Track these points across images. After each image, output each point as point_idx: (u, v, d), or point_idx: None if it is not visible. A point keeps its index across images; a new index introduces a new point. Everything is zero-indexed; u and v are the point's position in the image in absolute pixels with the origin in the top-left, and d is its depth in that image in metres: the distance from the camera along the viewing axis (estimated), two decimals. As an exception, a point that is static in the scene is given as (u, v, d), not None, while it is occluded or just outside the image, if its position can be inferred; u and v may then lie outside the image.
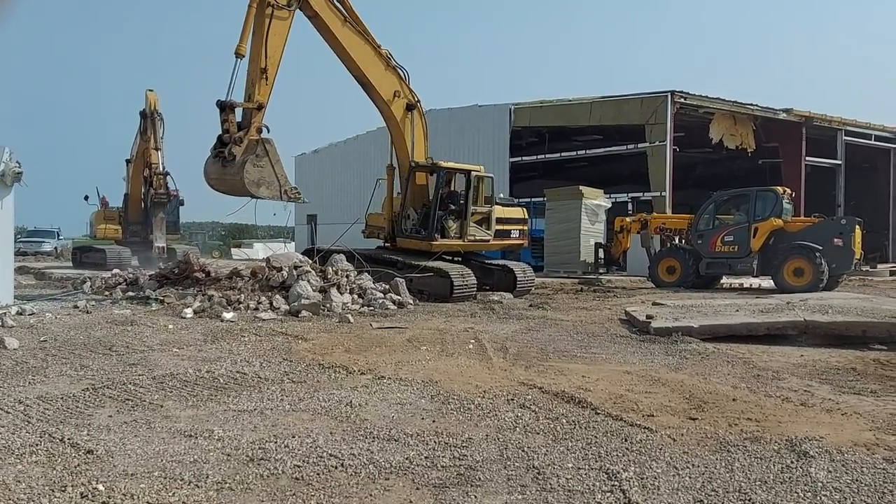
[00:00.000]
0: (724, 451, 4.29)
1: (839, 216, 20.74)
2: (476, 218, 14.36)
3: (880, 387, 6.22)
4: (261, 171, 11.46)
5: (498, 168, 26.11)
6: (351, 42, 13.31)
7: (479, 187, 14.50)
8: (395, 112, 13.98)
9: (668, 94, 22.23)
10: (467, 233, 14.11)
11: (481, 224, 14.46)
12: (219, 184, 11.82)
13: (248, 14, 11.63)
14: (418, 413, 5.09)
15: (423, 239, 13.94)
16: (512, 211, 15.52)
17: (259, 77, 11.66)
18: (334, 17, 13.06)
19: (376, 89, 13.80)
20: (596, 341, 8.55)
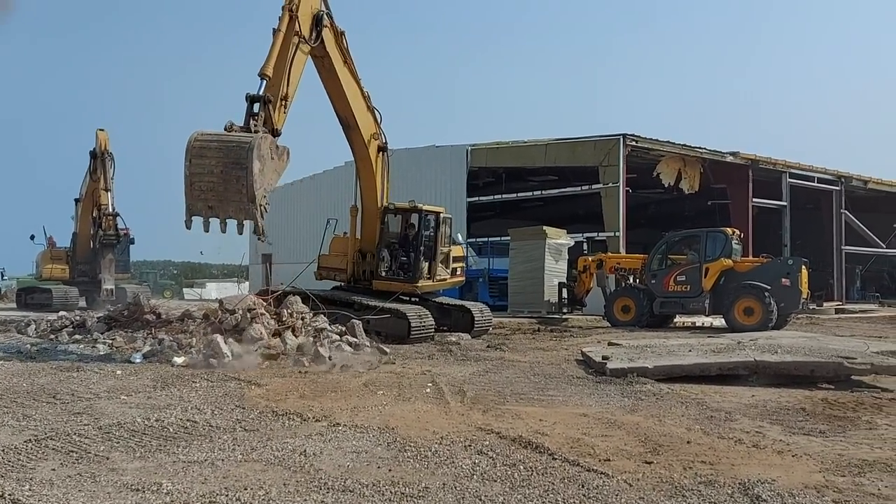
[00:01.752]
0: (678, 497, 4.31)
1: (786, 256, 21.35)
2: (441, 258, 14.60)
3: (828, 427, 6.36)
4: (265, 162, 10.35)
5: (455, 207, 26.33)
6: (347, 81, 13.38)
7: (443, 228, 14.65)
8: (370, 153, 14.02)
9: (620, 137, 22.81)
10: (436, 273, 14.27)
11: (444, 264, 14.73)
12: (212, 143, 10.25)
13: (276, 39, 11.40)
14: (374, 462, 5.01)
15: (406, 281, 14.08)
16: (457, 249, 16.02)
17: (279, 104, 11.39)
18: (339, 57, 13.13)
19: (360, 130, 13.80)
20: (553, 383, 8.58)
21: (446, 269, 14.66)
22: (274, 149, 10.65)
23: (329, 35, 12.71)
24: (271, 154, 10.49)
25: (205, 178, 10.08)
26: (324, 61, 12.91)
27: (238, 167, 9.93)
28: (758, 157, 26.52)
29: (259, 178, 10.04)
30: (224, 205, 10.14)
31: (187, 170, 10.10)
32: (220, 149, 10.06)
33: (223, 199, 10.07)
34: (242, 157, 9.93)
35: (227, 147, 10.08)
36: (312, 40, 12.18)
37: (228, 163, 9.98)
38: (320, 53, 12.71)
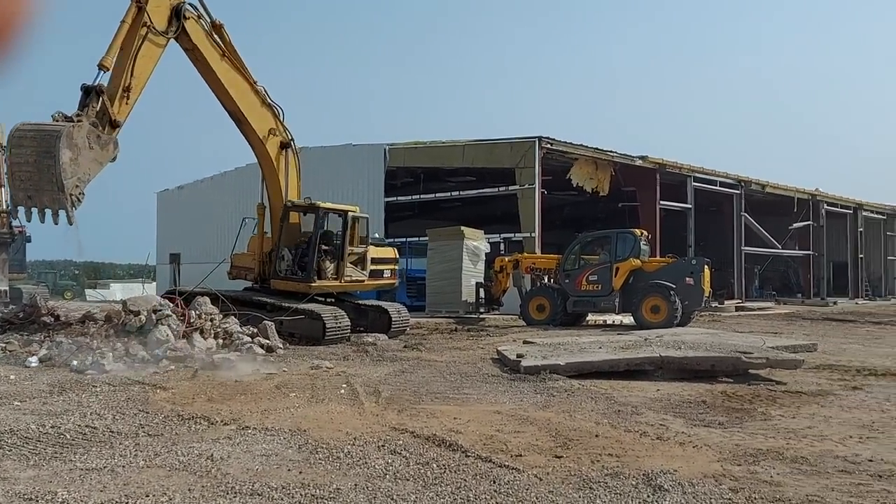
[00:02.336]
0: (586, 489, 4.42)
1: (690, 257, 22.26)
2: (352, 259, 14.24)
3: (727, 418, 6.67)
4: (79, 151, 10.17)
5: (373, 207, 26.15)
6: (228, 77, 12.97)
7: (355, 227, 14.40)
8: (269, 150, 13.70)
9: (535, 140, 23.25)
10: (344, 273, 13.95)
11: (357, 264, 14.34)
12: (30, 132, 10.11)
13: (120, 30, 11.06)
14: (284, 464, 4.91)
15: (301, 280, 13.63)
16: (384, 251, 15.54)
17: (121, 95, 11.07)
18: (213, 50, 12.69)
19: (251, 126, 13.48)
20: (468, 382, 8.64)
21: (362, 271, 14.36)
22: (94, 138, 10.45)
23: (196, 27, 12.34)
24: (89, 143, 10.33)
25: (23, 168, 10.05)
26: (195, 54, 12.55)
27: (48, 156, 9.87)
28: (665, 161, 27.57)
29: (70, 166, 9.99)
30: (40, 194, 10.07)
31: (8, 160, 10.17)
32: (35, 138, 10.02)
33: (38, 188, 10.01)
34: (51, 146, 9.85)
35: (40, 136, 10.02)
36: (171, 32, 11.87)
37: (41, 151, 9.93)
38: (187, 46, 12.39)
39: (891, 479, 4.68)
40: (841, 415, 6.87)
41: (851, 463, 5.07)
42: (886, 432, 6.10)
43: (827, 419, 6.65)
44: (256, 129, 13.57)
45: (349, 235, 14.11)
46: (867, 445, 5.63)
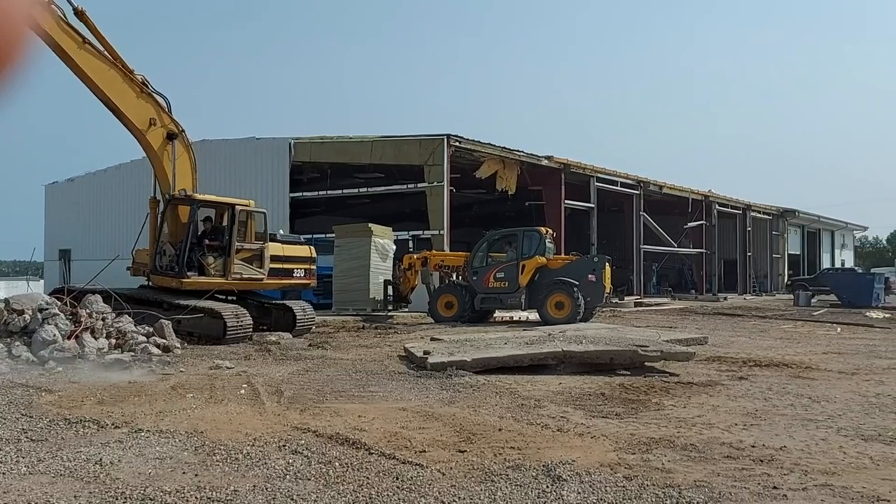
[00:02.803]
0: (488, 481, 4.48)
1: (593, 254, 22.96)
2: (244, 255, 13.63)
3: (623, 409, 6.91)
4: None
5: (278, 203, 25.57)
6: (92, 66, 12.34)
7: (248, 223, 13.87)
8: (151, 141, 13.16)
9: (444, 138, 23.36)
10: (231, 270, 13.35)
11: (252, 262, 13.74)
12: None
13: None
14: (179, 467, 4.73)
15: (175, 276, 13.07)
16: (295, 249, 14.80)
17: None
18: (68, 38, 12.01)
19: (127, 117, 12.95)
20: (374, 379, 8.59)
21: (258, 269, 13.72)
22: None
23: (45, 14, 11.68)
24: None
25: None
26: (50, 41, 11.88)
27: None
28: (569, 161, 28.31)
29: None
30: None
31: None
32: None
33: None
34: None
35: None
36: None
37: None
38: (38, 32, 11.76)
39: (771, 463, 4.98)
40: (728, 404, 7.25)
41: (736, 449, 5.36)
42: (768, 419, 6.49)
43: (715, 408, 7.00)
44: (133, 119, 13.05)
45: (241, 231, 13.60)
46: (751, 432, 5.97)
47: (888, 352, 12.30)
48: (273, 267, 14.01)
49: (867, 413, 6.82)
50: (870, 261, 78.36)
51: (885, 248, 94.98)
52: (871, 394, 7.90)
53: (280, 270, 14.25)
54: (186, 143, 13.71)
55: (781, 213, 45.37)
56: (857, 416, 6.65)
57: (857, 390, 8.14)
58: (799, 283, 36.98)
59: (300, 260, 14.75)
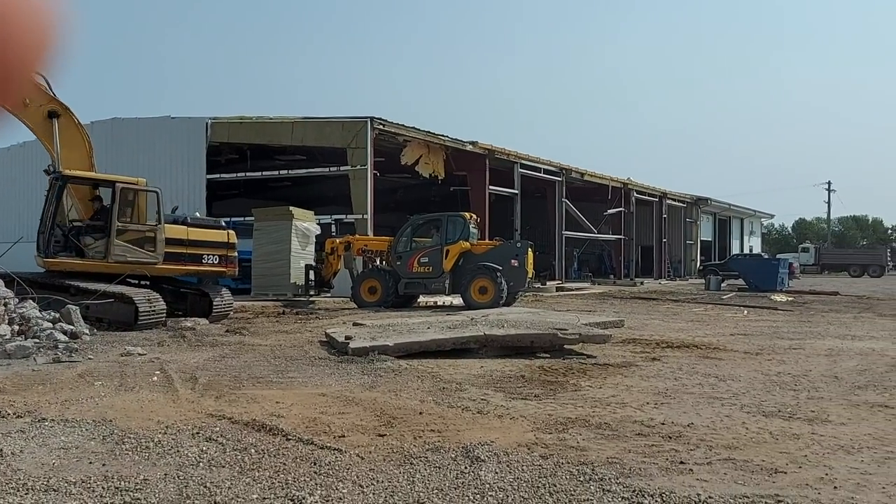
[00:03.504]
0: (407, 465, 4.49)
1: (516, 240, 23.28)
2: (131, 237, 12.90)
3: (543, 391, 7.06)
4: None
5: (194, 185, 24.80)
6: None
7: (137, 202, 13.19)
8: (28, 121, 12.50)
9: (367, 120, 23.13)
10: (112, 252, 12.63)
11: (142, 244, 12.94)
12: None
13: None
14: (86, 457, 4.54)
15: (43, 257, 12.47)
16: (205, 233, 13.77)
17: None
18: None
19: None
20: (294, 365, 8.47)
21: (150, 252, 12.91)
22: None
23: None
24: None
25: None
26: None
27: None
28: (494, 147, 28.56)
29: None
30: None
31: None
32: None
33: None
34: None
35: None
36: None
37: None
38: None
39: (679, 439, 5.18)
40: (641, 384, 7.51)
41: (647, 426, 5.56)
42: (677, 398, 6.76)
43: (629, 388, 7.24)
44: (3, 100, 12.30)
45: (129, 211, 13.00)
46: (661, 410, 6.20)
47: (790, 333, 13.00)
48: (175, 251, 13.14)
49: (768, 391, 7.19)
50: (775, 247, 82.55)
51: (790, 235, 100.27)
52: (772, 372, 8.33)
53: (185, 256, 13.33)
54: (75, 122, 13.08)
55: (695, 201, 47.23)
56: (759, 394, 7.00)
57: (760, 369, 8.57)
58: (710, 269, 38.59)
59: (211, 245, 13.73)
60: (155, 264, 12.99)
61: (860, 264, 55.20)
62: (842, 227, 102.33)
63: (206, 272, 13.81)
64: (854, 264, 55.53)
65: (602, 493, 3.97)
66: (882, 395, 7.01)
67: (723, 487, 4.07)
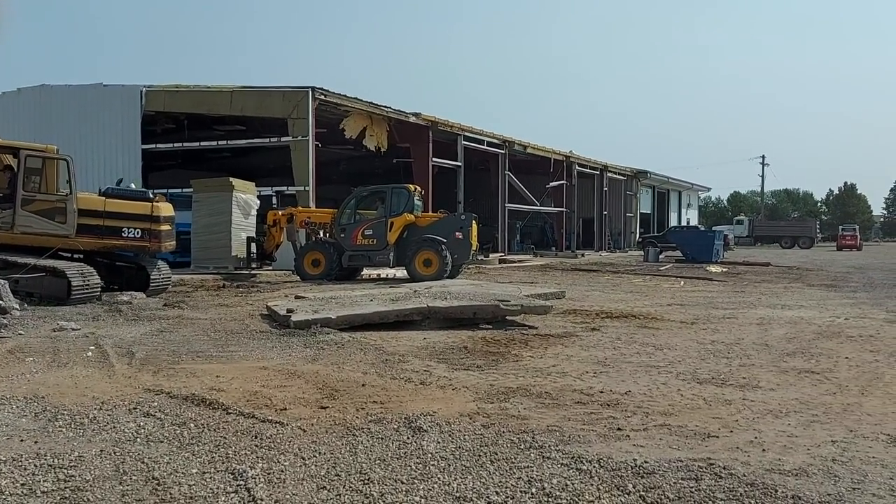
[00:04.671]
0: (349, 436, 4.49)
1: (460, 212, 23.30)
2: (39, 207, 12.26)
3: (485, 361, 7.14)
4: None
5: (128, 155, 23.99)
6: None
7: (46, 171, 12.49)
8: None
9: (309, 90, 22.67)
10: (18, 223, 12.02)
11: (52, 216, 12.30)
12: None
13: None
14: (17, 435, 4.41)
15: None
16: (126, 205, 12.84)
17: None
18: None
19: None
20: (234, 339, 8.35)
21: (59, 224, 12.27)
22: None
23: None
24: None
25: None
26: None
27: None
28: (437, 119, 28.41)
29: None
30: None
31: None
32: None
33: None
34: None
35: None
36: None
37: None
38: None
39: (616, 407, 5.33)
40: (581, 353, 7.68)
41: (586, 395, 5.70)
42: (615, 367, 6.93)
43: (569, 358, 7.39)
44: None
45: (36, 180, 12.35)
46: (600, 379, 6.36)
47: (724, 303, 13.46)
48: (90, 223, 12.48)
49: (703, 359, 7.45)
50: (712, 219, 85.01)
51: (726, 208, 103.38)
52: (707, 341, 8.62)
53: (101, 228, 12.57)
54: None
55: (635, 175, 48.12)
56: (694, 362, 7.25)
57: (695, 338, 8.86)
58: (648, 240, 39.43)
59: (132, 217, 12.78)
60: (66, 237, 12.30)
61: (791, 236, 57.43)
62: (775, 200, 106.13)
63: (126, 246, 12.97)
64: (785, 236, 57.72)
65: (542, 459, 4.06)
66: (809, 361, 7.34)
67: (658, 452, 4.21)
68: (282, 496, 3.49)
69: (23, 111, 25.74)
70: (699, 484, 3.69)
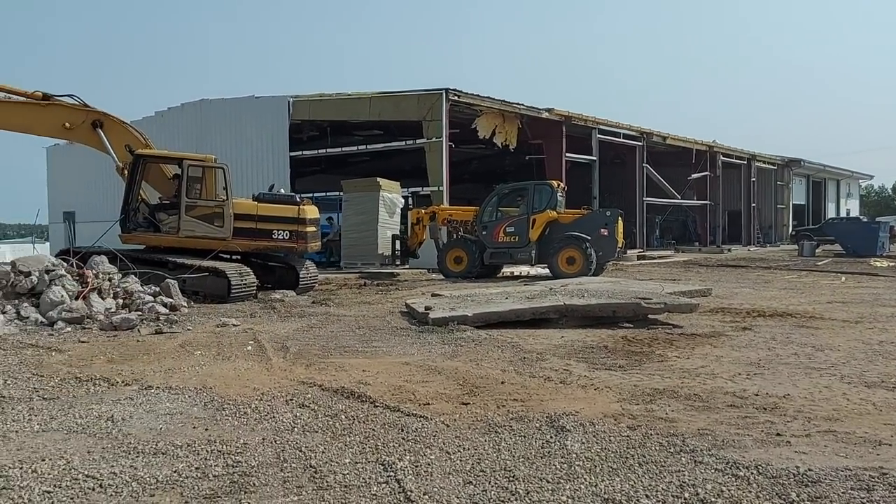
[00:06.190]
0: (492, 433, 4.53)
1: (605, 208, 22.78)
2: (200, 212, 13.27)
3: (627, 361, 6.97)
4: None
5: (278, 162, 25.45)
6: None
7: (206, 179, 13.56)
8: (79, 137, 13.40)
9: (442, 92, 23.07)
10: (183, 227, 13.10)
11: (211, 220, 13.30)
12: None
13: None
14: (189, 422, 4.81)
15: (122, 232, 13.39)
16: (276, 208, 13.60)
17: None
18: None
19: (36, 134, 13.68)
20: (377, 335, 8.65)
21: (217, 227, 13.20)
22: None
23: None
24: None
25: None
26: None
27: None
28: (571, 113, 28.01)
29: None
30: None
31: None
32: None
33: None
34: None
35: None
36: None
37: None
38: None
39: (774, 411, 5.03)
40: (731, 354, 7.30)
41: (739, 398, 5.41)
42: (771, 368, 6.54)
43: (718, 359, 7.05)
44: (47, 133, 13.76)
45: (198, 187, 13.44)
46: (754, 381, 6.02)
47: (892, 300, 12.33)
48: (244, 227, 13.31)
49: (870, 360, 6.87)
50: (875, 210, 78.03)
51: (891, 197, 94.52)
52: (874, 341, 7.94)
53: (254, 231, 13.37)
54: (118, 122, 13.62)
55: (786, 163, 45.06)
56: (860, 364, 6.70)
57: (860, 338, 8.18)
58: (803, 234, 36.94)
59: (281, 220, 13.51)
60: (224, 239, 13.25)
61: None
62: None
63: (276, 247, 13.66)
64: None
65: (694, 464, 3.91)
66: None
67: (823, 460, 3.94)
68: (430, 489, 3.59)
69: (186, 124, 27.99)
70: (871, 495, 3.41)
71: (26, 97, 12.82)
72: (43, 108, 12.94)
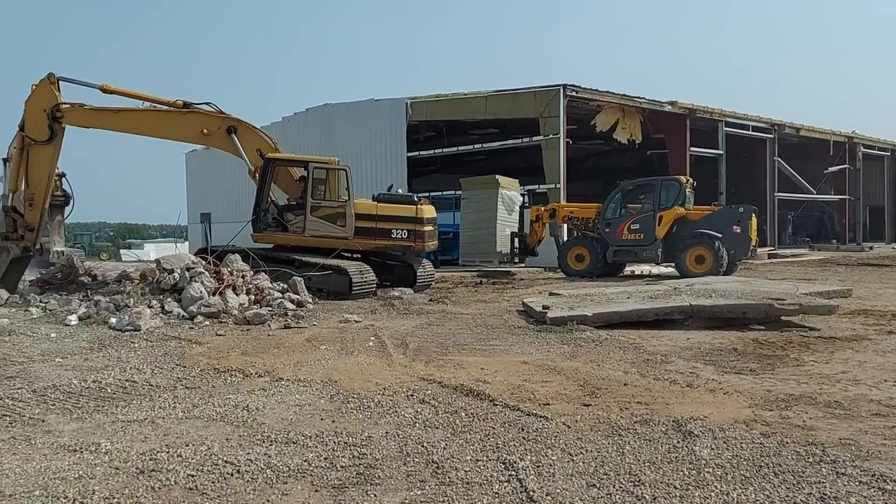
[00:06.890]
0: (615, 435, 4.44)
1: (737, 205, 21.79)
2: (324, 213, 13.76)
3: (759, 365, 6.62)
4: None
5: (396, 162, 26.06)
6: (132, 124, 13.80)
7: (329, 180, 14.03)
8: (215, 143, 14.10)
9: (560, 88, 22.81)
10: (308, 227, 13.64)
11: (334, 220, 13.73)
12: None
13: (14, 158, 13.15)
14: (317, 414, 5.02)
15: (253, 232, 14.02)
16: (395, 208, 13.95)
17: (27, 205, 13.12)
18: (102, 118, 13.55)
19: (179, 139, 14.54)
20: (494, 333, 8.67)
21: (340, 227, 13.68)
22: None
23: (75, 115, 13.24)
24: None
25: None
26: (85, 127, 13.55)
27: None
28: (695, 106, 26.96)
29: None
30: None
31: None
32: None
33: None
34: None
35: None
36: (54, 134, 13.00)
37: None
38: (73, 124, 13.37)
39: (925, 422, 4.63)
40: (875, 359, 6.79)
41: (886, 406, 5.03)
42: (922, 376, 6.02)
43: (861, 364, 6.58)
44: (187, 139, 14.59)
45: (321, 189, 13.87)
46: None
47: None
48: (365, 226, 13.74)
49: None
50: None
51: None
52: None
53: (374, 230, 13.74)
54: (251, 128, 14.24)
55: (938, 154, 41.26)
56: None
57: None
58: (957, 230, 33.71)
59: (400, 220, 13.84)
60: (346, 238, 13.73)
61: None
62: None
63: (395, 246, 13.97)
64: None
65: (836, 475, 3.67)
66: None
67: None
68: (552, 490, 3.56)
69: (310, 128, 29.24)
70: None
71: (169, 106, 13.77)
72: (184, 116, 13.83)
